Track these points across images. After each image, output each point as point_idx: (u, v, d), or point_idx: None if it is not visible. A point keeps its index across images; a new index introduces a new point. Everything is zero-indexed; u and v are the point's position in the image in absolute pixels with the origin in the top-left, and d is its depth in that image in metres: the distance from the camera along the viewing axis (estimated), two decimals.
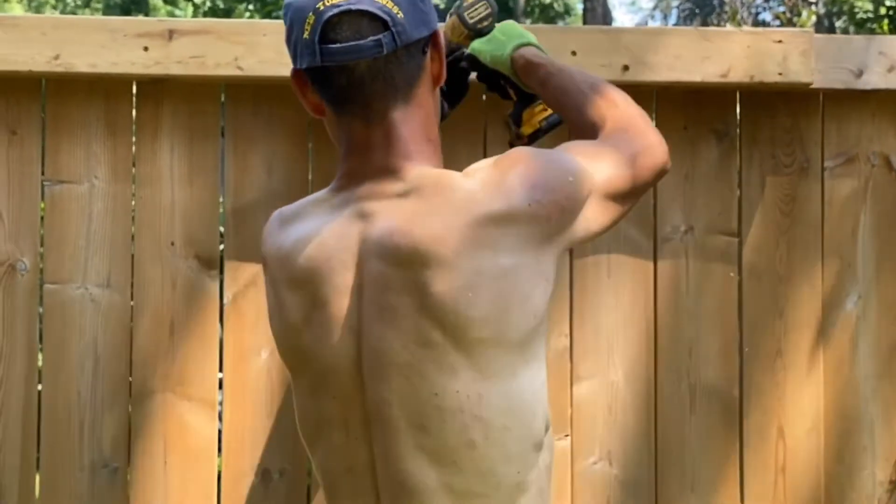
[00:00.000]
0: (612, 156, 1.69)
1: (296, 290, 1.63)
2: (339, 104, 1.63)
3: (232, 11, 15.62)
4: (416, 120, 1.63)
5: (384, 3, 1.56)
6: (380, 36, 1.56)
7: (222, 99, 2.25)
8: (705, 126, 2.29)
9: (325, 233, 1.61)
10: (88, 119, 2.21)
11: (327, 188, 1.69)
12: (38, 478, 2.19)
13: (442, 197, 1.56)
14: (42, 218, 2.21)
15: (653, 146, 1.75)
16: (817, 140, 2.30)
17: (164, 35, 2.15)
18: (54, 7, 18.74)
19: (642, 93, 2.23)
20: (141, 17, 2.15)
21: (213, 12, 16.01)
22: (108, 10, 17.83)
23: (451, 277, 1.51)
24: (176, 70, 2.16)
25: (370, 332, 1.56)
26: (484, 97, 2.19)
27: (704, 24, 16.54)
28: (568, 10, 18.85)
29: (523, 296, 1.55)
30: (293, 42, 1.62)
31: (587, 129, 1.78)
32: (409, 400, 1.54)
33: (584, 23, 14.52)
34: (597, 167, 1.64)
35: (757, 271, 2.28)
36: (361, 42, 1.56)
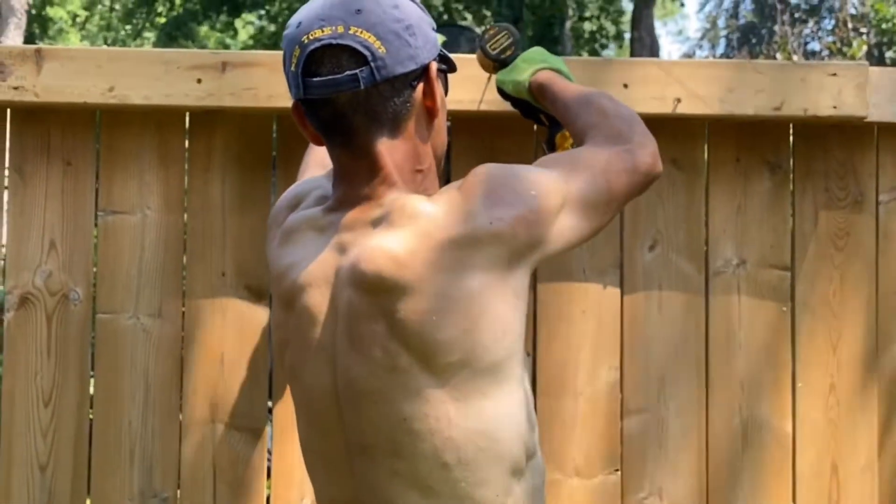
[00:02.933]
0: (588, 164, 1.67)
1: (285, 309, 1.66)
2: (326, 135, 1.65)
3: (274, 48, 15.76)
4: (401, 152, 1.63)
5: (366, 37, 1.56)
6: (356, 71, 1.56)
7: (274, 130, 2.26)
8: (758, 158, 2.27)
9: (311, 260, 1.63)
10: (142, 150, 2.23)
11: (320, 207, 1.70)
12: None
13: (407, 223, 1.56)
14: (95, 248, 2.23)
15: (635, 150, 1.71)
16: (871, 173, 2.28)
17: (217, 67, 2.17)
18: (106, 32, 18.97)
19: (694, 125, 2.22)
20: (194, 50, 2.18)
21: (261, 37, 16.15)
22: (158, 38, 18.05)
23: (415, 302, 1.52)
24: (228, 101, 2.17)
25: (343, 361, 1.58)
26: (535, 126, 2.19)
27: (752, 53, 16.46)
28: (620, 35, 18.82)
29: (493, 317, 1.54)
30: (286, 74, 1.64)
31: (581, 142, 1.78)
32: (382, 426, 1.55)
33: (632, 52, 14.49)
34: (571, 177, 1.63)
35: (810, 305, 2.26)
36: (339, 76, 1.57)
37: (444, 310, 1.52)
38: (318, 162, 1.93)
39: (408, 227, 1.56)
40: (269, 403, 2.24)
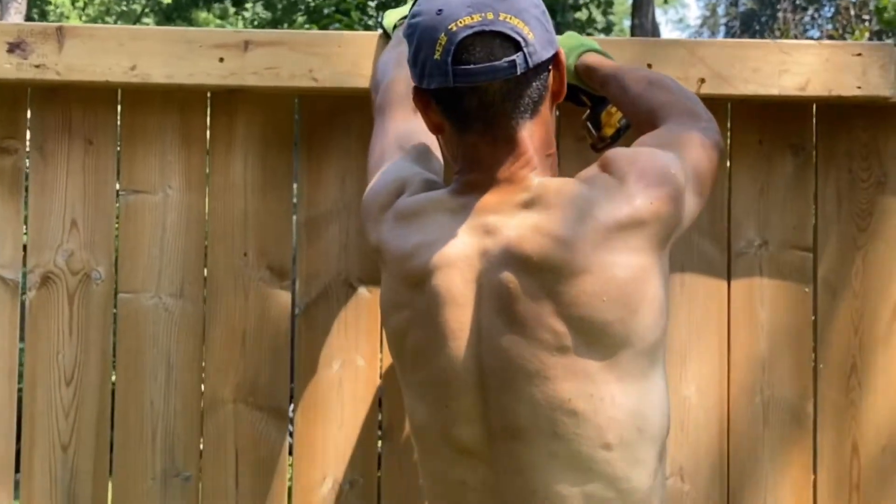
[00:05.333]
0: (689, 143, 1.71)
1: (413, 289, 1.63)
2: (465, 123, 1.63)
3: (282, 25, 15.70)
4: (538, 135, 1.64)
5: (516, 23, 1.56)
6: (514, 57, 1.56)
7: (296, 110, 2.26)
8: (781, 140, 2.27)
9: (446, 241, 1.61)
10: (163, 129, 2.22)
11: (445, 190, 1.69)
12: (110, 484, 2.20)
13: (567, 204, 1.57)
14: (117, 227, 2.22)
15: (712, 127, 1.78)
16: (895, 154, 2.27)
17: (240, 46, 2.16)
18: (106, 17, 18.91)
19: (717, 106, 2.21)
20: (217, 28, 2.17)
21: (273, 24, 16.09)
22: (157, 24, 17.99)
23: (584, 283, 1.52)
24: (251, 81, 2.17)
25: (495, 343, 1.56)
26: (556, 112, 2.18)
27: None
28: (610, 28, 18.78)
29: (653, 296, 1.56)
30: (420, 62, 1.61)
31: (650, 121, 1.80)
32: (540, 408, 1.53)
33: None
34: (683, 156, 1.67)
35: (832, 287, 2.26)
36: (496, 63, 1.56)
37: (612, 291, 1.53)
38: (397, 145, 1.85)
39: (568, 209, 1.56)
40: (292, 385, 2.24)
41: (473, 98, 1.59)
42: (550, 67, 1.64)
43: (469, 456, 1.59)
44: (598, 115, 2.03)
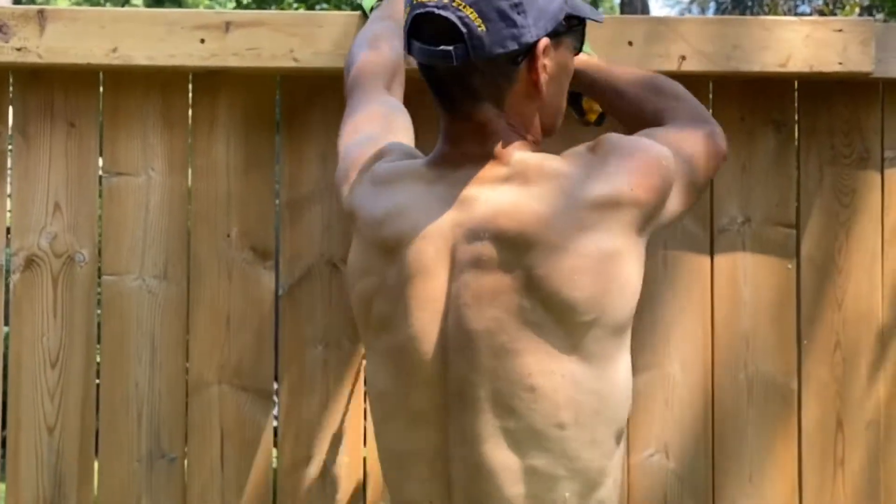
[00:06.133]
0: (690, 143, 1.71)
1: (384, 257, 1.63)
2: (435, 94, 1.64)
3: (273, 4, 15.63)
4: (504, 123, 1.62)
5: (468, 13, 1.53)
6: (451, 48, 1.54)
7: (278, 91, 2.25)
8: (763, 116, 2.27)
9: (419, 210, 1.61)
10: (145, 111, 2.22)
11: (422, 161, 1.69)
12: (96, 467, 2.20)
13: (546, 181, 1.57)
14: (100, 210, 2.22)
15: (718, 134, 1.78)
16: (877, 130, 2.28)
17: (221, 27, 2.16)
18: None
19: (699, 83, 2.22)
20: (198, 10, 2.16)
21: (259, 4, 16.02)
22: (147, 5, 17.91)
23: (557, 259, 1.52)
24: (232, 62, 2.16)
25: (462, 314, 1.55)
26: None
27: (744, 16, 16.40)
28: (596, 4, 18.72)
29: (625, 279, 1.56)
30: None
31: (655, 123, 1.79)
32: (500, 381, 1.53)
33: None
34: (679, 155, 1.66)
35: (815, 263, 2.26)
36: (433, 48, 1.56)
37: (585, 268, 1.53)
38: (369, 120, 1.83)
39: (548, 186, 1.56)
40: (276, 366, 2.24)
41: (429, 73, 1.61)
42: (524, 60, 1.60)
43: (424, 424, 1.59)
44: (580, 102, 2.02)
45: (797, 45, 2.17)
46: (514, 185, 1.58)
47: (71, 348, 2.19)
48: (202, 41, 2.15)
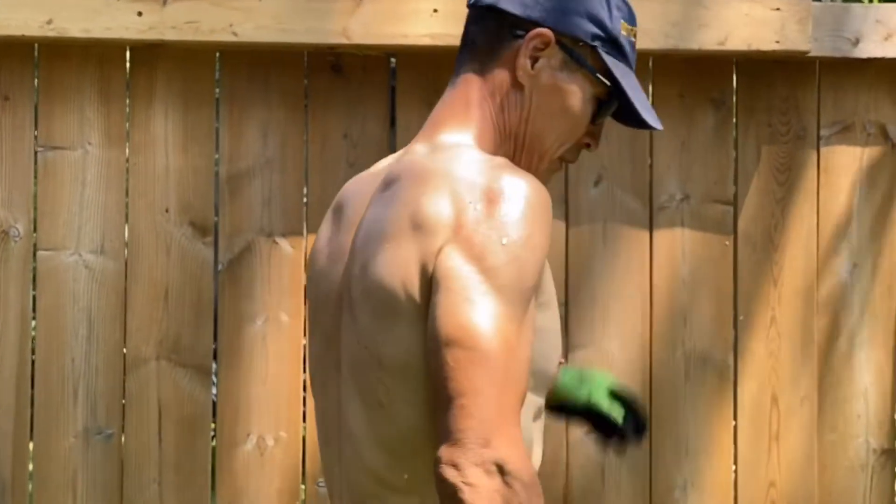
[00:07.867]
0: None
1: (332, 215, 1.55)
2: None
3: None
4: (480, 92, 1.47)
5: None
6: None
7: (217, 65, 2.23)
8: (702, 95, 2.28)
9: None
10: (82, 85, 2.20)
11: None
12: (31, 444, 2.18)
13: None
14: (35, 184, 2.20)
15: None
16: (813, 109, 2.30)
17: (159, 0, 2.13)
18: None
19: (639, 61, 2.21)
20: None
21: None
22: None
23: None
24: (170, 35, 2.14)
25: (348, 282, 1.50)
26: None
27: None
28: None
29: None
30: None
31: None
32: (354, 345, 1.42)
33: None
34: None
35: (752, 239, 2.28)
36: None
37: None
38: None
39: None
40: (215, 342, 2.23)
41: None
42: (521, 35, 1.46)
43: (330, 387, 1.56)
44: None
45: (735, 24, 2.19)
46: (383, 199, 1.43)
47: (5, 324, 2.17)
48: (139, 14, 2.13)
